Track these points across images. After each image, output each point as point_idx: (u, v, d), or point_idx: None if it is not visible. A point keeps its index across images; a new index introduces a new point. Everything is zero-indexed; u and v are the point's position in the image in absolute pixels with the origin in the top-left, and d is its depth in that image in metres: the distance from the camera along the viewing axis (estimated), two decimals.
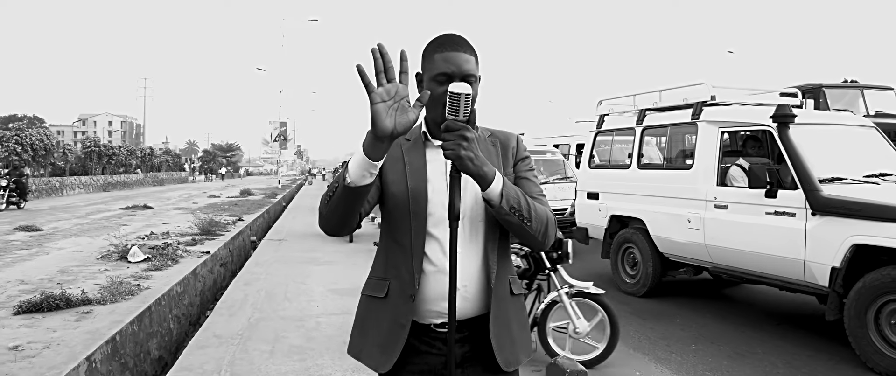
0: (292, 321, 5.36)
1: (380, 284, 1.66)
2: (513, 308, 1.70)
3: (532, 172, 1.74)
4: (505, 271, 1.68)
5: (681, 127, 6.78)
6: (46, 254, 8.80)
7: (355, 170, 1.43)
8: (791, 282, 5.23)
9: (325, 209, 1.55)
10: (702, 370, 4.60)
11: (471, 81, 1.56)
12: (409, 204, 1.60)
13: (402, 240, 1.61)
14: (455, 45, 1.59)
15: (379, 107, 1.35)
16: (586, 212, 7.94)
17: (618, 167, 7.63)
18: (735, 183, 5.77)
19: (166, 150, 63.64)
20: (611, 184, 7.50)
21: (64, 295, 5.44)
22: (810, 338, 5.32)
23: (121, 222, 13.98)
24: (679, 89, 6.96)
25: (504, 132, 1.77)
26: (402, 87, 1.38)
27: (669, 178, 6.55)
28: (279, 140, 46.29)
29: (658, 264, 6.74)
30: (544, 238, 1.61)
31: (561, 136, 15.10)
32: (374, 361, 1.64)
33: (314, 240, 10.90)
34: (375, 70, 1.36)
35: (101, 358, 4.24)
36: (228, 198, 23.76)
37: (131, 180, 41.26)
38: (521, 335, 1.72)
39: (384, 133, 1.36)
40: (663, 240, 6.58)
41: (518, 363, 1.68)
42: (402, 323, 1.59)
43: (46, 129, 41.42)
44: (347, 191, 1.46)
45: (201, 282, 7.64)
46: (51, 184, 29.39)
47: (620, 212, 7.28)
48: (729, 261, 5.81)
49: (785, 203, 5.14)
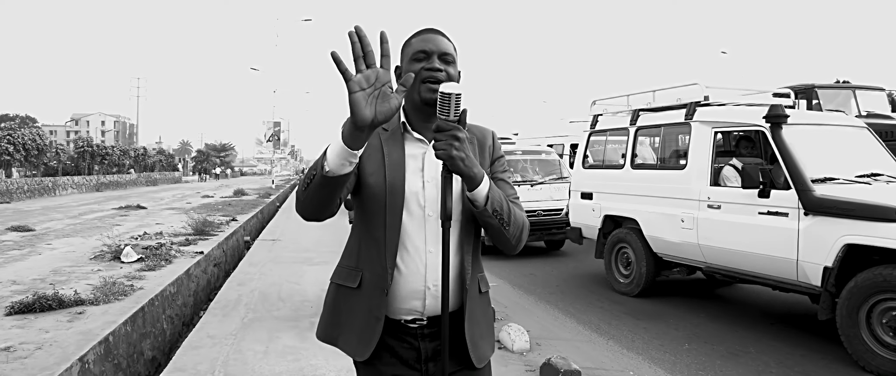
0: (286, 321, 5.35)
1: (352, 274, 1.64)
2: (481, 305, 1.71)
3: (507, 173, 1.74)
4: (476, 269, 1.68)
5: (674, 127, 6.78)
6: (39, 255, 8.76)
7: (334, 159, 1.38)
8: (784, 281, 5.24)
9: (302, 195, 1.50)
10: (695, 369, 4.61)
11: (448, 60, 1.57)
12: (385, 197, 1.56)
13: (375, 233, 1.58)
14: (432, 32, 1.61)
15: (357, 95, 1.29)
16: (580, 212, 7.92)
17: (612, 167, 7.62)
18: (728, 183, 5.78)
19: (160, 150, 63.38)
20: (605, 185, 7.48)
21: (56, 296, 5.41)
22: (803, 338, 5.35)
23: (114, 222, 13.92)
24: (672, 89, 6.97)
25: (480, 127, 1.74)
26: (382, 72, 1.32)
27: (663, 178, 6.56)
28: (273, 140, 46.17)
29: (652, 264, 6.73)
30: (518, 242, 1.62)
31: (555, 136, 15.13)
32: (351, 348, 1.63)
33: (308, 240, 10.89)
34: (353, 56, 1.29)
35: (94, 358, 4.22)
36: (222, 198, 23.70)
37: (124, 180, 41.09)
38: (488, 332, 1.75)
39: (364, 123, 1.30)
40: (657, 240, 6.58)
41: (486, 359, 1.70)
42: (377, 316, 1.57)
43: (39, 129, 41.20)
44: (326, 179, 1.40)
45: (195, 282, 7.62)
46: (43, 184, 29.24)
47: (614, 212, 7.27)
48: (722, 260, 5.81)
49: (778, 203, 5.16)
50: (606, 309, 6.43)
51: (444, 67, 1.57)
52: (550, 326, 5.73)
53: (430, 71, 1.56)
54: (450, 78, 1.57)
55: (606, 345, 5.22)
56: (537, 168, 10.40)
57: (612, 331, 5.61)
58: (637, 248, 6.83)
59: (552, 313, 6.32)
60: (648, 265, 6.74)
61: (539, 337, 5.09)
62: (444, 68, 1.57)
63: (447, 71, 1.57)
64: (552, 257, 9.89)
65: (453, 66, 1.59)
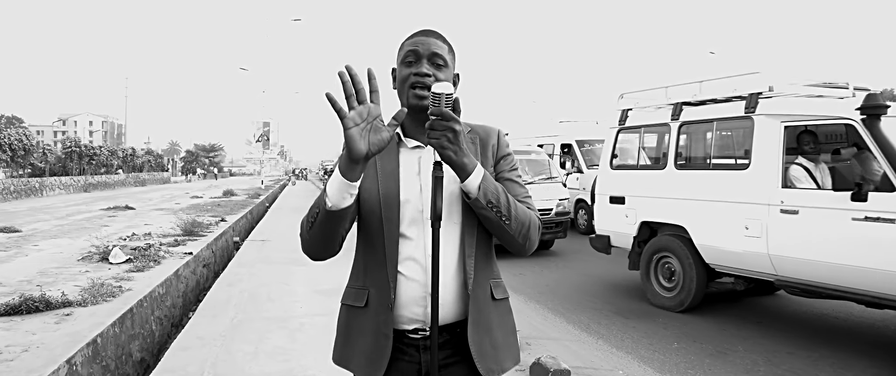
0: (276, 322, 5.33)
1: (359, 293, 1.63)
2: (495, 313, 1.64)
3: (516, 172, 1.69)
4: (485, 275, 1.62)
5: (731, 122, 5.98)
6: (25, 256, 8.68)
7: (334, 194, 1.44)
8: (888, 297, 4.53)
9: (307, 234, 1.54)
10: (684, 368, 4.64)
11: (438, 63, 1.57)
12: (381, 210, 1.56)
13: (376, 247, 1.58)
14: (426, 33, 1.61)
15: (352, 131, 1.37)
16: (609, 219, 7.04)
17: (649, 168, 6.87)
18: (798, 184, 5.16)
19: (148, 151, 62.82)
20: (640, 187, 6.66)
21: (43, 297, 5.36)
22: (790, 336, 5.39)
23: (102, 223, 13.82)
24: (725, 80, 6.12)
25: (484, 127, 1.72)
26: (373, 107, 1.40)
27: (719, 180, 5.81)
28: (262, 140, 46.09)
29: (703, 275, 5.97)
30: (525, 240, 1.57)
31: (546, 136, 15.15)
32: (362, 371, 1.60)
33: (297, 240, 10.82)
34: (346, 94, 1.37)
35: (82, 360, 4.19)
36: (211, 199, 23.58)
37: (113, 181, 40.77)
38: (507, 341, 1.67)
39: (359, 155, 1.38)
40: (711, 249, 5.83)
41: (502, 370, 1.62)
42: (386, 333, 1.56)
43: (25, 129, 40.72)
44: (329, 215, 1.47)
45: (184, 283, 7.58)
46: (30, 184, 28.96)
47: (654, 218, 6.47)
48: (802, 274, 5.07)
49: (881, 207, 4.45)
50: (596, 309, 6.45)
51: (432, 71, 1.56)
52: (540, 326, 5.75)
53: (417, 76, 1.55)
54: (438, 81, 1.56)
55: (596, 345, 5.24)
56: (526, 168, 10.43)
57: (602, 331, 5.64)
58: (684, 258, 6.06)
59: (542, 312, 6.34)
60: (699, 276, 5.96)
61: (529, 336, 5.10)
62: (432, 72, 1.56)
63: (436, 75, 1.56)
64: (542, 257, 9.92)
65: (445, 69, 1.58)
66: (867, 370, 4.54)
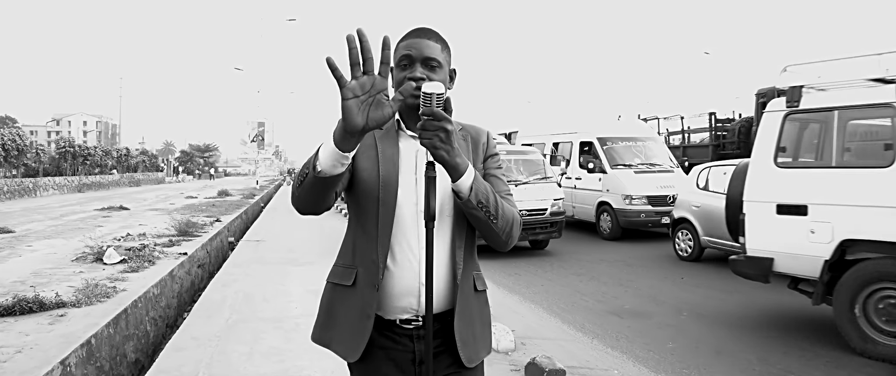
0: (271, 322, 5.32)
1: (347, 272, 1.65)
2: (476, 304, 1.71)
3: (501, 170, 1.75)
4: (470, 268, 1.68)
5: None
6: (19, 257, 8.64)
7: (326, 160, 1.39)
8: None
9: (296, 191, 1.53)
10: (679, 367, 4.66)
11: (431, 64, 1.57)
12: (378, 191, 1.57)
13: (368, 228, 1.60)
14: (420, 34, 1.61)
15: (350, 103, 1.29)
16: (776, 234, 5.30)
17: (852, 166, 5.03)
18: None
19: (143, 151, 62.63)
20: (837, 193, 4.95)
21: (37, 298, 5.34)
22: (784, 336, 5.41)
23: (96, 223, 13.77)
24: None
25: (475, 126, 1.76)
26: (379, 80, 1.30)
27: None
28: (257, 140, 46.00)
29: None
30: (508, 238, 1.63)
31: (563, 133, 14.05)
32: (343, 349, 1.63)
33: (293, 240, 10.84)
34: (350, 61, 1.27)
35: (76, 361, 4.18)
36: (206, 199, 23.53)
37: (107, 181, 40.61)
38: (484, 332, 1.74)
39: (354, 129, 1.31)
40: None
41: (478, 359, 1.70)
42: (368, 314, 1.58)
43: (19, 129, 40.56)
44: (317, 179, 1.41)
45: (178, 283, 7.56)
46: (24, 185, 28.82)
47: (866, 236, 4.76)
48: None
49: None
50: (591, 308, 6.47)
51: (426, 75, 1.57)
52: (535, 325, 5.75)
53: (411, 80, 1.56)
54: None
55: (591, 344, 5.25)
56: (521, 168, 10.44)
57: (597, 330, 5.65)
58: None
59: (537, 312, 6.35)
60: None
61: (524, 336, 5.10)
62: (426, 75, 1.57)
63: (429, 76, 1.57)
64: (537, 257, 9.93)
65: (439, 70, 1.59)
66: (861, 369, 4.56)
